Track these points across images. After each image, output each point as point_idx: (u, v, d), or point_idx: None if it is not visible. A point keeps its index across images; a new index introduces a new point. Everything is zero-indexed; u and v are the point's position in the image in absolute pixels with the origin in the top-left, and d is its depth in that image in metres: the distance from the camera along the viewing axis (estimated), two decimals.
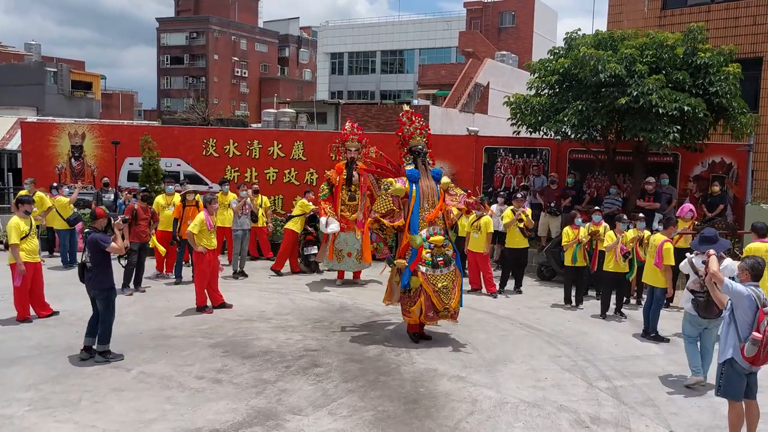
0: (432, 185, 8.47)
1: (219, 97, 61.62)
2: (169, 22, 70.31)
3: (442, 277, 8.12)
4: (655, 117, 11.37)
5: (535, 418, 6.07)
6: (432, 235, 8.20)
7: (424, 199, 8.31)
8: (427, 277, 8.07)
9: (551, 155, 14.68)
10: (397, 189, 8.25)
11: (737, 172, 13.42)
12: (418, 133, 8.63)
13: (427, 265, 8.10)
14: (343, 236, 11.39)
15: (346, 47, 56.02)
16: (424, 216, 8.24)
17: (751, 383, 5.58)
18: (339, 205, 11.44)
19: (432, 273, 8.10)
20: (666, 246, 8.57)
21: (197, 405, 6.18)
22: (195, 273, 9.64)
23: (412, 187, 8.27)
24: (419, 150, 8.55)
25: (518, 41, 44.92)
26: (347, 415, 6.04)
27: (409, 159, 8.58)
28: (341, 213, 11.42)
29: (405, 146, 8.66)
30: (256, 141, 15.40)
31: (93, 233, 7.36)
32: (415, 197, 8.24)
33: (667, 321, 9.20)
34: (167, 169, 14.99)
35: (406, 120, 8.66)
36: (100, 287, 7.37)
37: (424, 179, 8.43)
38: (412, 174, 8.37)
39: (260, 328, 8.73)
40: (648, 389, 6.91)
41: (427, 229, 8.23)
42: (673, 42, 12.10)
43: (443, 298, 8.07)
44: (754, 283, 5.51)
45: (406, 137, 8.64)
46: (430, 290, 8.04)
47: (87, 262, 7.38)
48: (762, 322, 5.26)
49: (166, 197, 11.83)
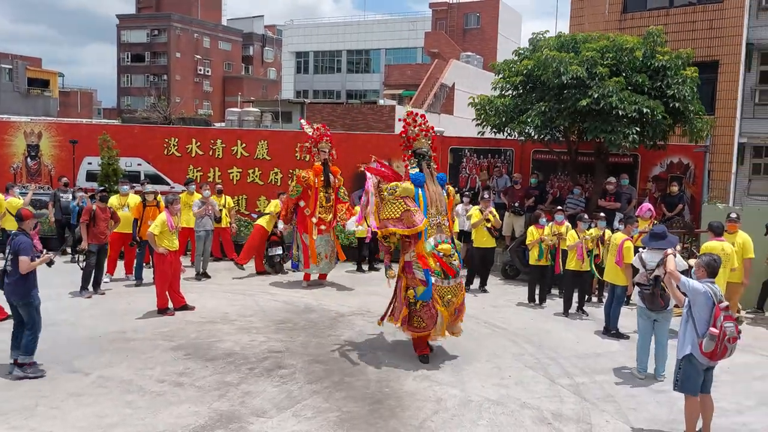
0: (438, 190, 7.89)
1: (181, 96, 60.64)
2: (130, 19, 68.93)
3: (449, 289, 7.60)
4: (615, 119, 11.60)
5: (499, 416, 6.12)
6: (440, 243, 7.65)
7: (432, 205, 7.74)
8: (436, 289, 7.52)
9: (515, 156, 14.84)
10: (405, 188, 7.61)
11: (694, 173, 13.78)
12: (423, 134, 8.08)
13: (437, 276, 7.54)
14: (320, 239, 11.34)
15: (311, 46, 55.72)
16: (432, 223, 7.67)
17: (707, 378, 5.75)
18: (317, 207, 11.33)
19: (441, 284, 7.55)
20: (626, 245, 8.74)
21: (158, 409, 6.06)
22: (156, 275, 9.45)
23: (417, 192, 7.69)
24: (424, 153, 7.99)
25: (483, 42, 45.33)
26: (312, 416, 5.99)
27: (413, 162, 8.01)
28: (319, 215, 11.31)
29: (409, 148, 8.09)
30: (219, 140, 15.19)
31: (19, 236, 6.80)
32: (422, 203, 7.67)
33: (628, 318, 9.38)
34: (127, 169, 14.67)
35: (410, 120, 8.09)
36: (17, 296, 6.80)
37: (431, 184, 7.84)
38: (418, 178, 7.79)
39: (223, 330, 8.61)
40: (608, 385, 7.04)
41: (435, 237, 7.66)
42: (632, 45, 12.35)
43: (449, 310, 7.59)
44: (710, 280, 5.66)
45: (411, 139, 8.08)
46: (440, 302, 7.52)
47: (8, 267, 6.78)
48: (718, 318, 5.42)
49: (120, 198, 11.57)
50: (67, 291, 10.38)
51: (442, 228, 7.78)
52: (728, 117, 18.18)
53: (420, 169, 7.91)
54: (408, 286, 7.64)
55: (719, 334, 5.39)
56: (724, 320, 5.42)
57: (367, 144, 15.36)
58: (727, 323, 5.42)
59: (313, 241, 11.27)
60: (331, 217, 11.42)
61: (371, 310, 9.86)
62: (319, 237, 11.30)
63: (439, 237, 7.67)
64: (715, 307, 5.46)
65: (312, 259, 11.33)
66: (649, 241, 7.41)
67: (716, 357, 5.50)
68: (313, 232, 11.26)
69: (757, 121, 18.44)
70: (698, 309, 5.55)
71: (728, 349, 5.47)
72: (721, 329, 5.40)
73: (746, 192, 18.93)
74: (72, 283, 10.50)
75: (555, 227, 10.51)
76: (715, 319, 5.44)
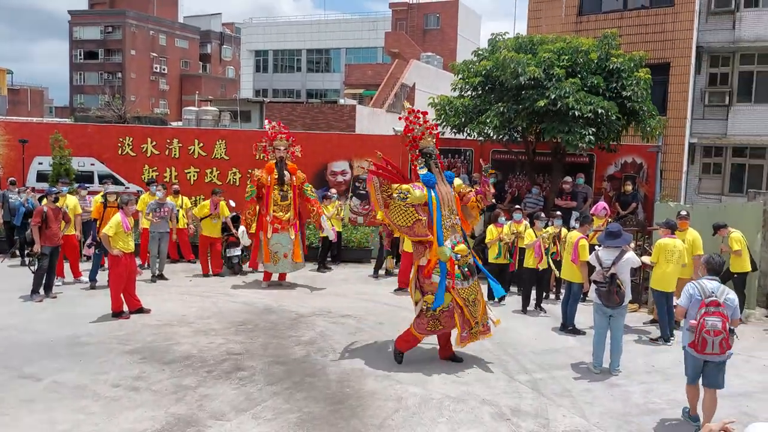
0: (449, 190, 7.65)
1: (137, 94, 59.37)
2: (83, 15, 67.01)
3: (469, 289, 7.41)
4: (571, 119, 11.83)
5: (459, 413, 6.17)
6: (456, 244, 7.43)
7: (444, 206, 7.49)
8: (458, 292, 7.29)
9: (474, 156, 15.00)
10: (417, 197, 7.33)
11: (647, 172, 14.16)
12: (428, 133, 7.79)
13: (457, 279, 7.30)
14: (277, 237, 11.16)
15: (270, 45, 55.19)
16: (447, 225, 7.43)
17: (708, 373, 5.90)
18: (271, 205, 11.21)
19: (462, 287, 7.33)
20: (582, 243, 8.92)
21: (113, 414, 5.92)
22: (110, 277, 9.22)
23: (430, 194, 7.42)
24: (431, 152, 7.70)
25: (443, 43, 45.69)
26: (271, 418, 5.94)
27: (421, 162, 7.69)
28: (274, 213, 11.19)
29: (415, 148, 7.75)
30: (176, 140, 14.92)
31: None
32: (436, 205, 7.40)
33: (584, 314, 9.57)
34: (80, 169, 14.30)
35: (413, 119, 7.75)
36: None
37: (441, 184, 7.59)
38: (429, 179, 7.51)
39: (181, 333, 8.45)
40: (565, 380, 7.17)
41: (450, 239, 7.42)
42: (588, 47, 12.63)
43: (473, 311, 7.39)
44: (710, 276, 5.94)
45: (417, 138, 7.75)
46: (463, 305, 7.29)
47: None
48: (700, 311, 5.69)
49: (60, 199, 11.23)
50: (18, 295, 10.05)
51: (456, 228, 7.58)
52: (679, 118, 18.75)
53: (429, 169, 7.64)
54: (425, 291, 7.42)
55: (696, 325, 5.66)
56: (704, 314, 5.66)
57: (328, 143, 15.34)
58: (711, 318, 5.63)
59: (267, 240, 11.15)
60: (290, 215, 11.30)
61: (332, 310, 9.83)
62: (275, 235, 11.12)
63: (454, 238, 7.46)
64: (701, 302, 5.72)
65: (265, 258, 11.20)
66: (604, 239, 7.60)
67: (699, 349, 5.72)
68: (268, 231, 11.12)
69: (707, 122, 19.06)
70: (691, 306, 5.83)
71: (708, 342, 5.64)
72: (698, 321, 5.66)
73: (696, 191, 19.55)
74: (22, 287, 10.18)
75: (514, 226, 10.65)
76: (696, 312, 5.70)
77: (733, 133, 18.75)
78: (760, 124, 18.40)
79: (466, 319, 7.32)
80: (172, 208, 11.94)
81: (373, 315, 9.63)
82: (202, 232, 12.23)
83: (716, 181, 19.71)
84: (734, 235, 9.70)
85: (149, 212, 11.50)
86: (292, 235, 11.26)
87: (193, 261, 13.09)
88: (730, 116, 18.74)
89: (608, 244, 7.53)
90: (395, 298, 10.83)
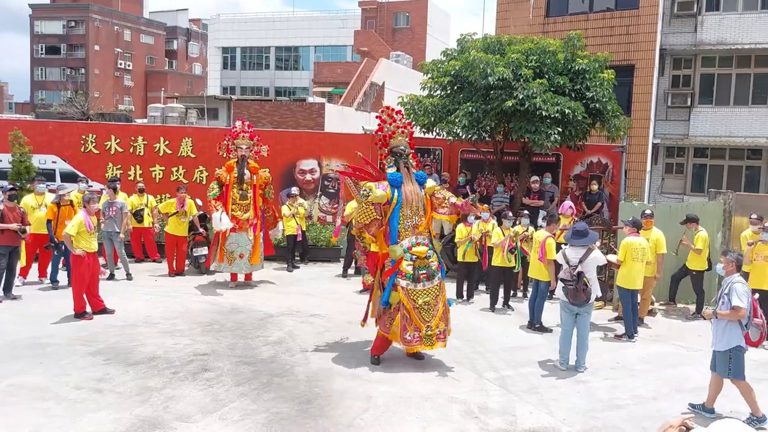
0: (416, 190, 7.58)
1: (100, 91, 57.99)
2: (45, 9, 65.39)
3: (424, 292, 7.31)
4: (538, 119, 11.97)
5: (428, 411, 6.19)
6: (414, 245, 7.36)
7: (407, 206, 7.45)
8: (408, 293, 7.25)
9: (444, 155, 15.06)
10: (378, 196, 7.35)
11: (612, 172, 14.41)
12: (400, 132, 7.78)
13: (407, 279, 7.27)
14: (235, 237, 11.02)
15: (238, 41, 54.60)
16: (407, 224, 7.44)
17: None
18: (230, 204, 11.08)
19: (413, 288, 7.27)
20: (548, 242, 9.03)
21: (76, 417, 5.78)
22: (73, 277, 9.01)
23: (394, 193, 7.43)
24: (401, 151, 7.69)
25: (412, 42, 45.79)
26: (238, 419, 5.87)
27: (390, 161, 7.72)
28: (232, 212, 11.06)
29: (385, 147, 7.80)
30: (141, 137, 14.65)
31: None
32: (396, 203, 7.41)
33: (551, 312, 9.69)
34: (41, 167, 13.92)
35: (386, 117, 7.80)
36: None
37: (408, 183, 7.55)
38: (395, 178, 7.53)
39: (145, 334, 8.30)
40: (533, 377, 7.26)
41: (410, 238, 7.39)
42: (554, 48, 12.78)
43: (424, 315, 7.24)
44: (737, 274, 6.14)
45: (387, 137, 7.78)
46: (410, 306, 7.21)
47: None
48: (758, 309, 5.99)
49: (36, 197, 10.96)
50: None
51: (420, 229, 7.51)
52: (643, 119, 19.12)
53: (397, 169, 7.64)
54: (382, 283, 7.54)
55: (762, 323, 5.95)
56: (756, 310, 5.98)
57: (296, 142, 15.23)
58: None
59: (224, 239, 11.00)
60: (249, 215, 11.16)
61: (301, 310, 9.77)
62: (232, 235, 10.97)
63: (414, 239, 7.40)
64: (751, 298, 5.93)
65: (219, 257, 11.05)
66: (571, 238, 7.70)
67: (758, 344, 6.01)
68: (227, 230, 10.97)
69: (670, 123, 19.48)
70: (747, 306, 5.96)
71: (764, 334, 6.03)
72: (762, 318, 5.96)
73: (660, 190, 19.97)
74: None
75: (482, 225, 10.72)
76: (755, 310, 5.89)
77: (695, 134, 19.20)
78: (721, 125, 18.88)
79: (412, 322, 7.22)
80: (121, 207, 11.64)
81: (342, 314, 9.59)
82: (167, 230, 12.02)
83: (679, 180, 20.16)
84: (702, 235, 9.97)
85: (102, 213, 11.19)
86: (250, 236, 11.09)
87: (159, 260, 12.87)
88: (692, 117, 19.18)
89: (575, 243, 7.63)
90: (364, 297, 10.78)
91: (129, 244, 12.57)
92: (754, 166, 19.37)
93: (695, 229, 10.04)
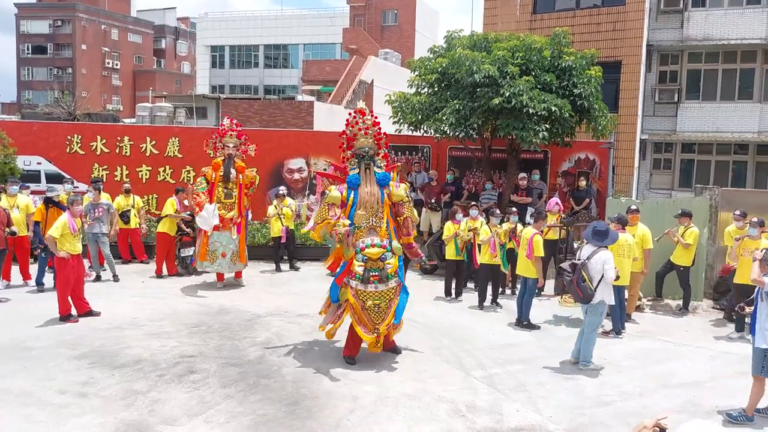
0: (375, 191, 7.56)
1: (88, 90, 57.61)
2: (31, 8, 64.89)
3: (375, 294, 7.26)
4: (525, 116, 11.98)
5: (415, 410, 6.18)
6: (369, 246, 7.28)
7: (362, 206, 7.47)
8: (356, 293, 7.26)
9: (432, 153, 15.06)
10: (333, 197, 7.49)
11: (600, 168, 14.46)
12: (362, 134, 7.75)
13: (356, 280, 7.25)
14: (217, 235, 10.92)
15: (227, 40, 54.37)
16: (363, 225, 7.43)
17: None
18: (214, 202, 10.97)
19: (363, 289, 7.25)
20: (536, 239, 9.04)
21: (60, 421, 5.72)
22: (57, 280, 8.91)
23: (350, 194, 7.51)
24: (365, 153, 7.68)
25: (401, 40, 45.74)
26: (225, 421, 5.83)
27: (353, 163, 7.75)
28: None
29: (349, 149, 7.82)
30: (127, 137, 14.54)
31: None
32: (351, 204, 7.48)
33: (539, 309, 9.71)
34: (26, 168, 13.81)
35: (350, 120, 7.81)
36: None
37: (365, 185, 7.57)
38: (352, 180, 7.60)
39: (131, 336, 8.23)
40: (521, 375, 7.25)
41: (363, 239, 7.35)
42: (540, 45, 12.78)
43: (373, 317, 7.23)
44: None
45: (350, 139, 7.81)
46: (358, 308, 7.24)
47: None
48: None
49: (8, 198, 10.84)
50: None
51: (378, 231, 7.46)
52: (631, 115, 19.21)
53: (359, 171, 7.67)
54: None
55: None
56: None
57: (284, 140, 15.17)
58: None
59: (207, 238, 10.93)
60: (233, 214, 11.09)
61: (289, 310, 9.72)
62: (216, 234, 10.87)
63: (369, 240, 7.35)
64: None
65: (201, 255, 10.97)
66: (591, 237, 7.50)
67: None
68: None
69: (657, 119, 19.58)
70: None
71: None
72: None
73: (648, 186, 20.07)
74: None
75: (470, 222, 10.72)
76: None
77: (682, 129, 19.31)
78: (708, 121, 19.00)
79: (360, 322, 7.27)
80: (107, 208, 11.55)
81: None
82: (161, 230, 11.89)
83: (667, 176, 20.27)
84: (693, 230, 10.00)
85: (85, 214, 11.09)
86: (234, 235, 11.02)
87: (146, 262, 12.78)
88: (679, 113, 19.28)
89: (596, 243, 7.46)
90: None
91: (115, 245, 12.47)
92: (741, 161, 19.51)
93: (687, 224, 10.07)
